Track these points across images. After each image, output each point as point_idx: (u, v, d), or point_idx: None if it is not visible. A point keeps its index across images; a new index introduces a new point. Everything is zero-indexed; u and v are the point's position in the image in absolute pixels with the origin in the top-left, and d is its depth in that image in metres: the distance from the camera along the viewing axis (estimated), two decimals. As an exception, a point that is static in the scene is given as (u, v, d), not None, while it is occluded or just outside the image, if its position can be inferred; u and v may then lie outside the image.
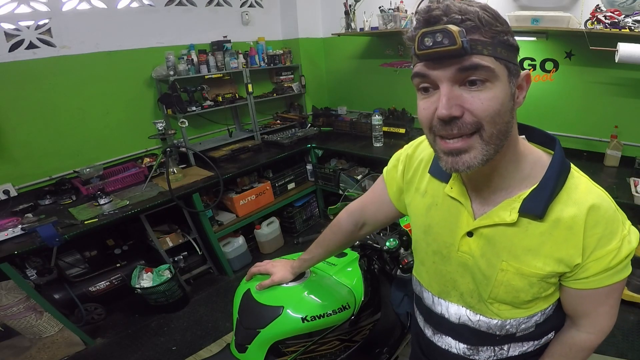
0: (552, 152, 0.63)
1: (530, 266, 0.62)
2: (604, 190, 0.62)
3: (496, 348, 0.74)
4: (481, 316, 0.71)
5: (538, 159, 0.63)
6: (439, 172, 0.71)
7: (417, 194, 0.77)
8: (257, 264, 1.14)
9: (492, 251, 0.64)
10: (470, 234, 0.66)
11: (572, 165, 0.63)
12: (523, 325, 0.69)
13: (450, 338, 0.78)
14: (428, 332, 0.84)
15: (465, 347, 0.76)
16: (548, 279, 0.62)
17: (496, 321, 0.69)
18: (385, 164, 0.89)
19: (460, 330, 0.75)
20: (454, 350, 0.78)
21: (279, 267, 1.09)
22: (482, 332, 0.72)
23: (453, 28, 0.47)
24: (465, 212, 0.67)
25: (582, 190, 0.60)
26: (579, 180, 0.61)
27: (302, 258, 1.08)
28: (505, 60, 0.51)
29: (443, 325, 0.78)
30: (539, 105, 2.40)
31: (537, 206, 0.59)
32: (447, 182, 0.69)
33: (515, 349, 0.73)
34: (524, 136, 0.65)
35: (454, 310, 0.74)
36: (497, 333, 0.71)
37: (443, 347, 0.80)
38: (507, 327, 0.69)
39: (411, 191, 0.79)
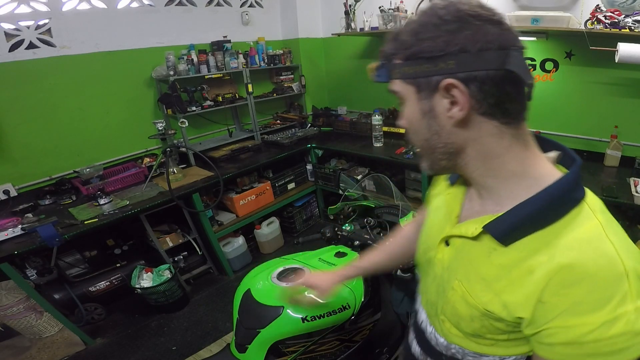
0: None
1: (475, 296, 0.55)
2: (623, 247, 0.46)
3: None
4: (434, 329, 0.70)
5: (539, 180, 0.51)
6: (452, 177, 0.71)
7: (432, 199, 0.76)
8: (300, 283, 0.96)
9: (454, 265, 0.61)
10: (448, 243, 0.63)
11: (591, 199, 0.50)
12: (470, 358, 0.64)
13: (413, 335, 0.80)
14: (410, 322, 0.86)
15: (419, 351, 0.76)
16: (493, 321, 0.54)
17: (443, 340, 0.67)
18: (385, 164, 0.89)
19: (420, 333, 0.76)
20: (413, 349, 0.79)
21: (323, 279, 0.94)
22: (431, 346, 0.71)
23: (370, 66, 0.55)
24: (451, 218, 0.63)
25: (578, 236, 0.46)
26: (588, 222, 0.47)
27: (357, 265, 0.96)
28: (412, 77, 0.50)
29: (415, 321, 0.80)
30: (539, 105, 2.40)
31: (498, 227, 0.51)
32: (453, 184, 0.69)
33: None
34: (544, 154, 0.55)
35: (421, 313, 0.75)
36: (444, 352, 0.68)
37: (409, 341, 0.82)
38: (453, 350, 0.65)
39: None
